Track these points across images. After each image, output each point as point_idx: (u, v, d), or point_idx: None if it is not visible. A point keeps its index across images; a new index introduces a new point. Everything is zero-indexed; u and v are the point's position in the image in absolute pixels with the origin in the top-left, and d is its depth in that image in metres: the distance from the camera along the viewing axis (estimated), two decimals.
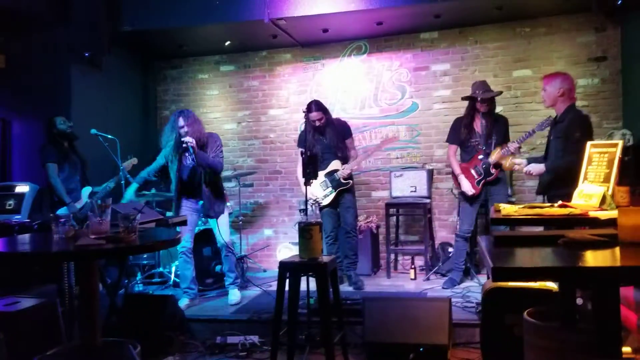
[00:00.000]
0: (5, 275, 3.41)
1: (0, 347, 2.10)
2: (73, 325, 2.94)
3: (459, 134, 4.39)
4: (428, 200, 5.20)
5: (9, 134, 5.20)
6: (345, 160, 4.70)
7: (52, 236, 2.16)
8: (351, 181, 4.68)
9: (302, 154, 4.21)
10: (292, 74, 6.08)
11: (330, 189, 4.65)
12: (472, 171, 4.34)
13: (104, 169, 4.87)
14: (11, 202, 4.48)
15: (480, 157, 4.33)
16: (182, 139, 4.16)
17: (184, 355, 3.48)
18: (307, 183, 4.18)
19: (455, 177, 4.49)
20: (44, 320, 2.55)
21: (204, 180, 4.27)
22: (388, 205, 5.28)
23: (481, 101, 4.25)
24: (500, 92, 4.58)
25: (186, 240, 4.28)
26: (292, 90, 6.08)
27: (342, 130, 4.75)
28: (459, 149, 4.50)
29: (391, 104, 5.77)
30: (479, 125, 4.36)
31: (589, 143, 2.32)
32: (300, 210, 5.47)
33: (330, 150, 4.67)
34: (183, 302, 4.24)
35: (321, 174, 4.59)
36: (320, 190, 4.68)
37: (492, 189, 4.34)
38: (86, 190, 4.62)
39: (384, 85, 5.79)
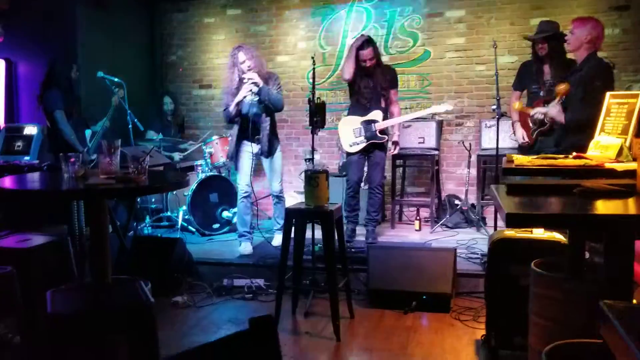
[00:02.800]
0: (15, 217, 3.45)
1: (12, 282, 2.14)
2: (84, 266, 3.00)
3: (521, 79, 3.98)
4: (436, 152, 5.15)
5: (15, 75, 5.14)
6: (386, 112, 4.32)
7: (62, 175, 2.15)
8: (386, 137, 4.33)
9: (309, 101, 4.14)
10: (300, 19, 5.90)
11: (362, 137, 4.29)
12: (529, 120, 3.84)
13: (97, 107, 4.77)
14: (20, 143, 4.47)
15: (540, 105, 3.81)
16: (244, 76, 4.00)
17: (192, 295, 3.56)
18: (313, 132, 4.13)
19: (513, 125, 4.10)
20: (55, 257, 2.59)
21: (265, 117, 4.15)
22: (394, 156, 5.24)
23: (534, 42, 3.84)
24: (559, 33, 3.77)
25: (247, 184, 4.21)
26: (300, 36, 5.91)
27: (390, 78, 4.32)
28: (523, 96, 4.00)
29: (402, 51, 5.61)
30: (544, 70, 3.87)
31: (608, 93, 2.25)
32: (306, 160, 5.44)
33: (376, 97, 4.27)
34: (246, 247, 4.22)
35: (358, 120, 4.30)
36: (351, 137, 4.33)
37: (545, 141, 3.77)
38: (87, 133, 4.57)
39: (395, 31, 5.62)
